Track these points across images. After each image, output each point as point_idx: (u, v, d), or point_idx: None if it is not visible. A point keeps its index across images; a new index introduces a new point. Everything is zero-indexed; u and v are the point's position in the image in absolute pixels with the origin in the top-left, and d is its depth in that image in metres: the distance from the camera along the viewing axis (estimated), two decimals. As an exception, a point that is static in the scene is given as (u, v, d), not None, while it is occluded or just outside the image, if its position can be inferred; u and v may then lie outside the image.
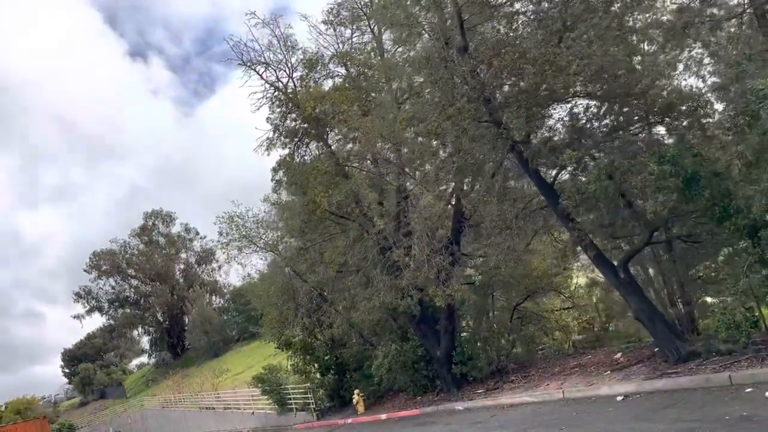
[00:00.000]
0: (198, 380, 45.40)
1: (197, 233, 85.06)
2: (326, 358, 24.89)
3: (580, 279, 19.70)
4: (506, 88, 13.22)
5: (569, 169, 12.31)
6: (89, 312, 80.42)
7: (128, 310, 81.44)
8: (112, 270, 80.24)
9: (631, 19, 11.48)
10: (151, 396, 63.48)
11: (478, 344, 18.08)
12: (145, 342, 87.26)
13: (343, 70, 22.80)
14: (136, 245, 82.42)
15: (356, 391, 23.19)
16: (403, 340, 20.46)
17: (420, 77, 14.73)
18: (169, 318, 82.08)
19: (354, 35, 22.98)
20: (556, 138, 13.06)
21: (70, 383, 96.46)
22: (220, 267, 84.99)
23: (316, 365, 25.80)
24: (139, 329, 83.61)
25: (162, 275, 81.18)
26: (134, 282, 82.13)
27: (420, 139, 16.10)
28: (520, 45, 12.06)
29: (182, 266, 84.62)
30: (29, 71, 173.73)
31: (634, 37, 11.49)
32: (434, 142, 17.50)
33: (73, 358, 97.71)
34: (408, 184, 19.70)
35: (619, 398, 12.36)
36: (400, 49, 18.55)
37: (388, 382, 21.00)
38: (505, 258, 14.44)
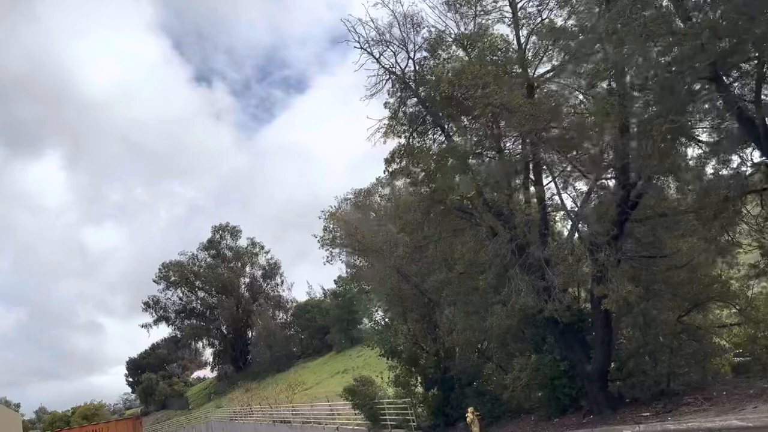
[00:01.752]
0: (272, 392, 43.14)
1: (262, 248, 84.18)
2: (432, 370, 22.12)
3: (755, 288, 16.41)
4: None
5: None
6: (156, 322, 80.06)
7: (194, 321, 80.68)
8: (181, 281, 79.82)
9: None
10: (216, 408, 61.76)
11: (646, 358, 15.03)
12: (208, 354, 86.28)
13: (461, 53, 20.55)
14: (204, 258, 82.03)
15: (470, 409, 20.13)
16: (537, 352, 17.56)
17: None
18: (234, 331, 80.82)
19: (478, 17, 20.78)
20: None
21: (133, 392, 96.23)
22: (283, 282, 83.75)
23: (419, 378, 23.06)
24: (204, 341, 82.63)
25: (228, 288, 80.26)
26: (201, 294, 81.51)
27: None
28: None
29: (247, 280, 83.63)
30: (101, 93, 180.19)
31: None
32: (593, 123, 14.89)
33: (136, 368, 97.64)
34: (554, 170, 16.99)
35: None
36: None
37: (516, 400, 18.08)
38: (712, 253, 11.50)
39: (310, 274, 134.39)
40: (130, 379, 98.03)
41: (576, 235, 15.79)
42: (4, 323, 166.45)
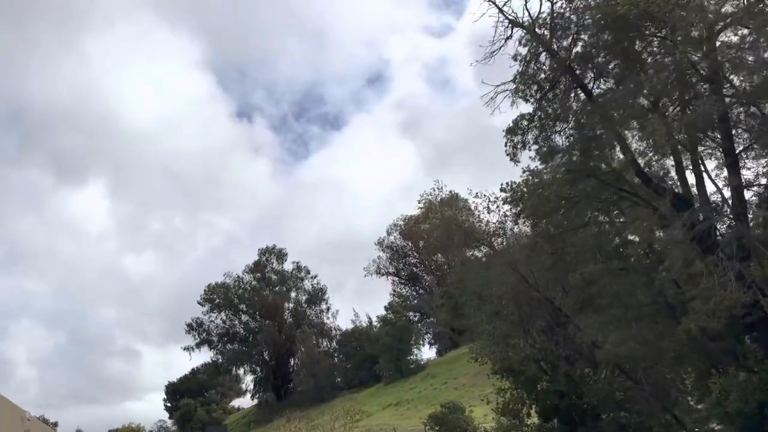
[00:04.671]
0: (326, 420, 38.34)
1: (308, 272, 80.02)
2: (555, 396, 17.27)
3: None
4: None
5: None
6: (199, 345, 76.03)
7: (236, 346, 76.43)
8: (225, 304, 76.10)
9: None
10: (259, 437, 56.92)
11: None
12: (248, 381, 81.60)
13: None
14: (249, 281, 78.28)
15: (613, 447, 15.39)
16: (730, 369, 12.76)
17: None
18: (276, 358, 76.20)
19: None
20: None
21: (170, 418, 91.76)
22: (329, 308, 79.28)
23: (535, 406, 18.25)
24: (245, 367, 78.03)
25: (271, 312, 76.12)
26: (244, 318, 77.49)
27: None
28: None
29: (291, 305, 79.34)
30: (144, 126, 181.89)
31: None
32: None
33: (175, 392, 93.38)
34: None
35: None
36: None
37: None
38: None
39: (345, 307, 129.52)
40: (168, 404, 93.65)
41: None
42: (44, 346, 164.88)
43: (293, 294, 79.67)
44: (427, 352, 70.36)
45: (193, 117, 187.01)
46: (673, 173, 14.58)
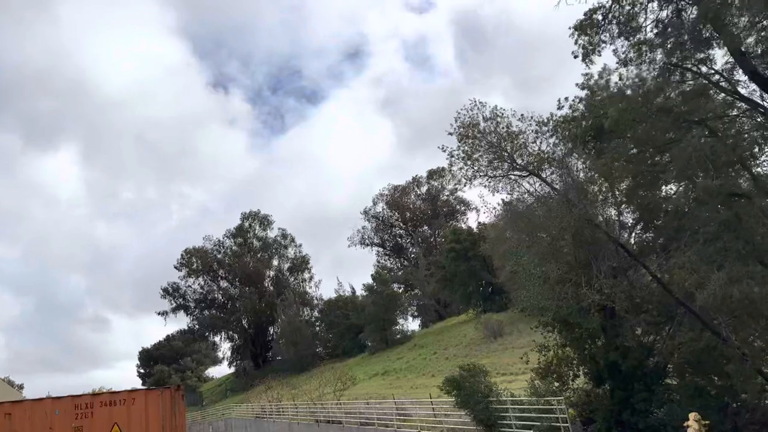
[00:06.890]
0: (312, 386, 35.10)
1: (293, 240, 76.37)
2: (617, 353, 14.13)
3: None
4: None
5: None
6: (175, 310, 72.05)
7: (214, 312, 72.69)
8: (204, 268, 72.11)
9: None
10: (238, 404, 53.58)
11: None
12: (225, 348, 78.15)
13: None
14: (230, 245, 74.36)
15: (692, 415, 12.30)
16: None
17: None
18: (255, 325, 72.71)
19: None
20: None
21: (143, 384, 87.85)
22: (312, 277, 75.88)
23: (583, 367, 15.19)
24: (222, 334, 74.39)
25: (252, 279, 72.44)
26: (223, 284, 73.68)
27: None
28: None
29: (273, 273, 75.69)
30: (118, 92, 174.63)
31: None
32: None
33: (149, 359, 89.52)
34: None
35: None
36: None
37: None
38: None
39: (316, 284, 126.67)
40: (141, 371, 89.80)
41: None
42: (12, 312, 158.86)
43: (275, 261, 76.10)
44: (411, 325, 67.56)
45: (167, 85, 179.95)
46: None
